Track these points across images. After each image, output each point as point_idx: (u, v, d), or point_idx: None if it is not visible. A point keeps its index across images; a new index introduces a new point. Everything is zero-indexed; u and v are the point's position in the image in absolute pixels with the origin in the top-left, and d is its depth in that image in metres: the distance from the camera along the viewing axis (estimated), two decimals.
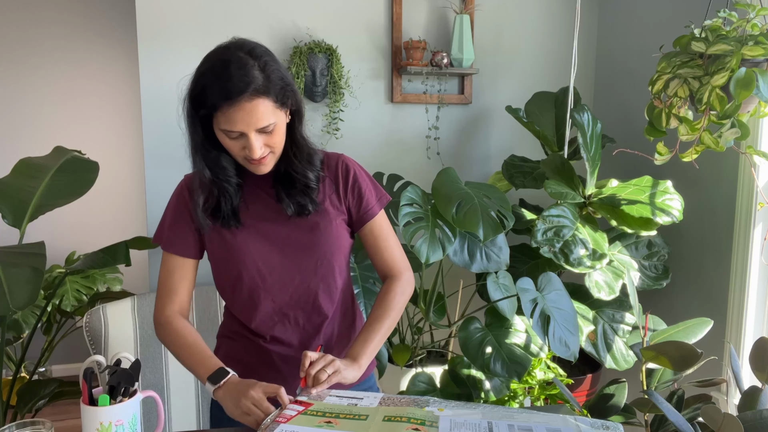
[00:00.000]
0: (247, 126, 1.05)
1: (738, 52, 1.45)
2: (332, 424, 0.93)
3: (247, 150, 1.08)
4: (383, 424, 0.93)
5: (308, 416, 0.96)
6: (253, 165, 1.12)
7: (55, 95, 3.43)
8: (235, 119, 1.05)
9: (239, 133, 1.07)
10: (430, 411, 0.97)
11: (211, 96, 1.04)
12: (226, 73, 1.04)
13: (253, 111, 1.04)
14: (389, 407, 0.99)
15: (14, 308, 1.41)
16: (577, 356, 1.77)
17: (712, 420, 1.19)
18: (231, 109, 1.04)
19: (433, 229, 1.87)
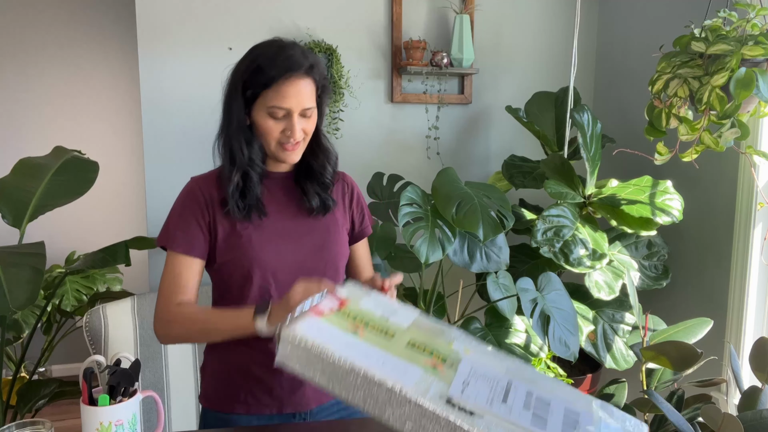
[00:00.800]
0: (296, 103, 1.12)
1: (738, 52, 1.45)
2: (357, 333, 0.89)
3: (288, 132, 1.13)
4: (404, 350, 0.89)
5: (341, 316, 0.93)
6: (286, 152, 1.16)
7: (55, 95, 3.43)
8: (288, 94, 1.11)
9: (285, 113, 1.12)
10: (456, 351, 0.93)
11: (269, 71, 1.10)
12: (284, 53, 1.12)
13: (303, 89, 1.12)
14: (417, 332, 0.95)
15: (14, 308, 1.41)
16: (577, 356, 1.77)
17: (712, 420, 1.19)
18: (286, 83, 1.10)
19: (433, 229, 1.87)
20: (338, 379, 0.83)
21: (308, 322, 0.89)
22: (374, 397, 0.81)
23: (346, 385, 0.82)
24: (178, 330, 1.16)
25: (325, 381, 0.84)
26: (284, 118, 1.13)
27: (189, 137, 2.17)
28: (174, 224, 1.21)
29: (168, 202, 2.16)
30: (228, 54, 2.19)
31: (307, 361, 0.85)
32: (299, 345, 0.85)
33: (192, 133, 2.17)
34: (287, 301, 1.00)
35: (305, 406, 1.23)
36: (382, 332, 0.92)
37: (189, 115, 2.17)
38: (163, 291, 1.18)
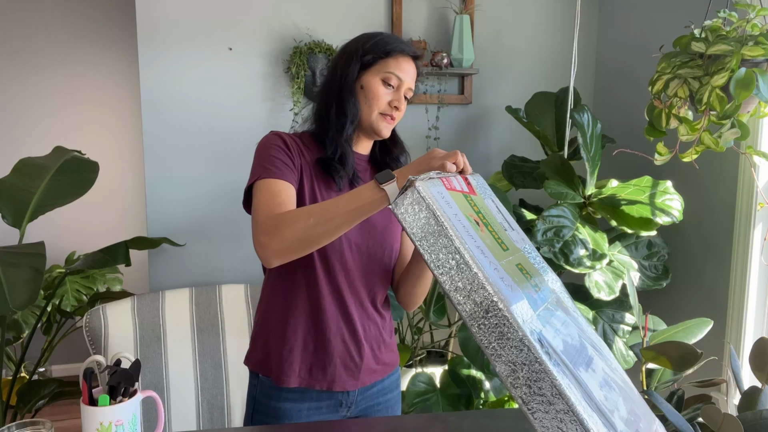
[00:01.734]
0: (409, 78, 1.23)
1: (738, 53, 1.45)
2: (479, 227, 0.85)
3: (395, 102, 1.22)
4: (515, 269, 0.85)
5: (467, 201, 0.89)
6: (384, 122, 1.23)
7: (55, 95, 3.43)
8: (406, 68, 1.23)
9: (398, 83, 1.22)
10: (554, 293, 0.91)
11: (392, 43, 1.22)
12: (400, 39, 1.27)
13: (413, 71, 1.25)
14: (526, 259, 0.91)
15: (14, 308, 1.41)
16: None
17: (712, 420, 1.19)
18: (405, 59, 1.23)
19: None
20: (444, 256, 0.77)
21: (438, 189, 0.84)
22: (472, 298, 0.76)
23: (448, 265, 0.77)
24: (291, 229, 1.01)
25: (428, 248, 0.79)
26: (394, 89, 1.22)
27: (189, 137, 2.17)
28: (265, 159, 1.16)
29: (168, 202, 2.17)
30: (228, 54, 2.19)
31: (423, 224, 0.79)
32: (423, 205, 0.79)
33: (192, 132, 2.18)
34: (423, 162, 1.00)
35: (353, 386, 1.26)
36: (499, 240, 0.87)
37: (189, 115, 2.17)
38: (261, 210, 1.08)
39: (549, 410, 0.72)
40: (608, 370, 0.86)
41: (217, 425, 1.91)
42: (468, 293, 0.76)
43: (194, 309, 1.95)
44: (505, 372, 0.75)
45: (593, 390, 0.76)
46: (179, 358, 1.89)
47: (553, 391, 0.72)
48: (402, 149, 1.34)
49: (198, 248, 2.20)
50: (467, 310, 0.76)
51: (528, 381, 0.73)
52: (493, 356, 0.75)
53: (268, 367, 1.26)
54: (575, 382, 0.74)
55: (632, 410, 0.84)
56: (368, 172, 1.31)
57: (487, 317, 0.75)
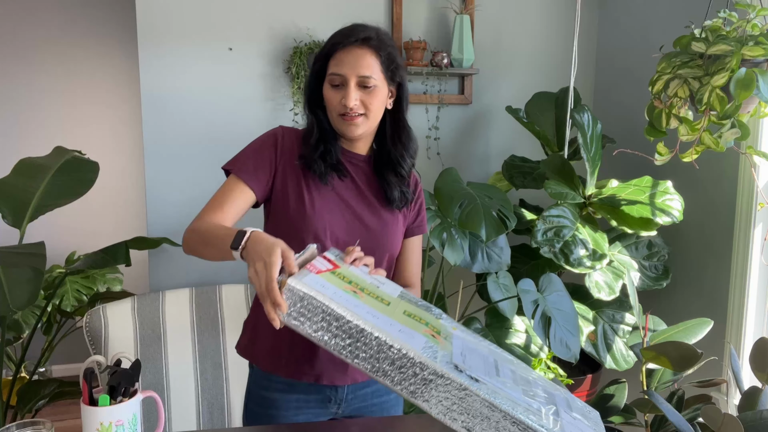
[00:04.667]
0: (351, 69, 1.15)
1: (738, 53, 1.45)
2: (357, 294, 0.90)
3: (344, 99, 1.15)
4: (404, 317, 0.91)
5: (336, 277, 0.93)
6: (345, 121, 1.17)
7: (55, 95, 3.43)
8: (343, 61, 1.15)
9: (342, 81, 1.15)
10: (445, 326, 0.96)
11: (331, 41, 1.18)
12: (349, 27, 1.19)
13: (360, 57, 1.15)
14: (408, 304, 0.97)
15: (14, 308, 1.41)
16: (578, 357, 1.77)
17: (712, 420, 1.19)
18: (343, 51, 1.16)
19: (450, 231, 1.89)
20: (346, 336, 0.83)
21: (311, 278, 0.88)
22: (386, 358, 0.81)
23: (354, 344, 0.83)
24: (190, 240, 1.14)
25: (329, 337, 0.84)
26: (342, 87, 1.16)
27: (189, 137, 2.17)
28: (246, 154, 1.23)
29: (168, 202, 2.17)
30: (228, 54, 2.19)
31: (313, 316, 0.84)
32: (305, 300, 0.84)
33: (192, 133, 2.17)
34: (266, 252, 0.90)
35: (342, 381, 1.26)
36: (378, 298, 0.93)
37: (189, 115, 2.17)
38: (206, 206, 1.20)
39: (490, 424, 0.80)
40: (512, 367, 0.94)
41: (217, 425, 1.91)
42: (382, 359, 0.82)
43: (194, 309, 1.95)
44: (442, 410, 0.81)
45: (511, 390, 0.84)
46: (179, 358, 1.89)
47: (487, 405, 0.79)
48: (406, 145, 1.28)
49: None
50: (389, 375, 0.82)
51: (463, 410, 0.80)
52: (427, 402, 0.82)
53: (254, 354, 1.28)
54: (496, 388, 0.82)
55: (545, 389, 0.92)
56: (365, 174, 1.28)
57: (406, 370, 0.81)
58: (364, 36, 1.17)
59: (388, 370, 0.82)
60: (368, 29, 1.19)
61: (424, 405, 0.82)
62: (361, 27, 1.19)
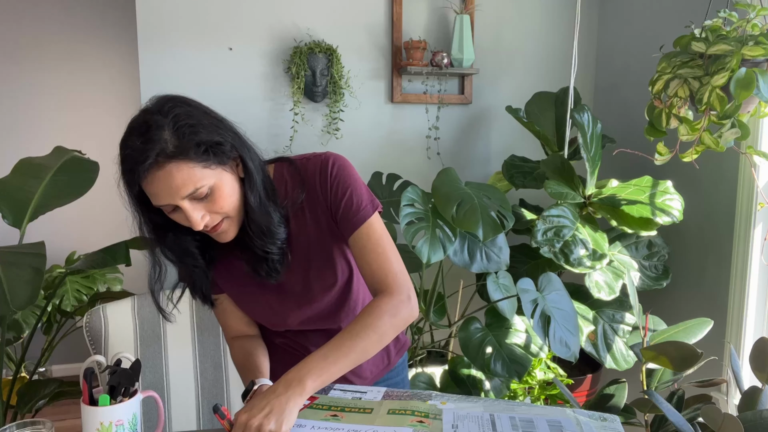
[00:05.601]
0: (170, 197, 0.91)
1: (738, 53, 1.45)
2: (338, 417, 0.94)
3: (184, 221, 0.95)
4: (388, 417, 0.94)
5: (314, 410, 0.97)
6: (211, 233, 1.00)
7: (55, 95, 3.43)
8: (155, 192, 0.92)
9: (170, 209, 0.95)
10: (433, 404, 0.99)
11: (126, 172, 0.92)
12: (130, 142, 0.91)
13: (168, 179, 0.90)
14: (393, 401, 1.01)
15: (14, 308, 1.41)
16: (577, 357, 1.77)
17: (712, 420, 1.19)
18: (146, 182, 0.91)
19: (434, 230, 1.87)
20: None
21: None
22: None
23: None
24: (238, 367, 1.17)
25: None
26: (179, 210, 0.95)
27: None
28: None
29: None
30: (228, 54, 2.19)
31: None
32: None
33: None
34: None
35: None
36: (361, 410, 0.97)
37: None
38: None
39: None
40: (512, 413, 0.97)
41: (217, 425, 1.91)
42: None
43: (194, 309, 1.95)
44: None
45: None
46: (179, 358, 1.89)
47: None
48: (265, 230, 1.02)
49: None
50: None
51: None
52: None
53: None
54: None
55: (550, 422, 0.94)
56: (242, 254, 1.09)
57: None
58: (157, 151, 0.89)
59: None
60: (155, 134, 0.90)
61: None
62: (146, 137, 0.90)
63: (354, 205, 1.05)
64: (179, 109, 0.95)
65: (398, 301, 1.02)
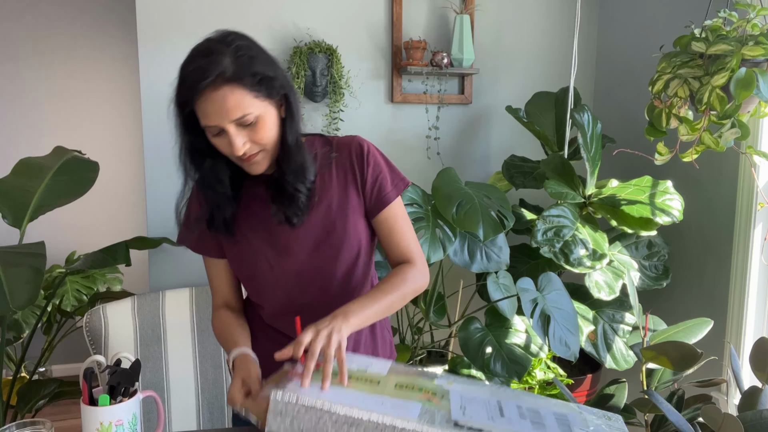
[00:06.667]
0: (219, 118, 0.99)
1: (738, 52, 1.45)
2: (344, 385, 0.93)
3: (234, 151, 1.03)
4: (396, 390, 0.92)
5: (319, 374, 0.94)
6: (245, 164, 1.07)
7: (55, 95, 3.43)
8: (207, 112, 1.00)
9: (217, 130, 1.02)
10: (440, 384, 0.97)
11: (184, 89, 1.00)
12: (193, 63, 0.99)
13: (222, 101, 0.98)
14: (399, 376, 0.99)
15: (14, 308, 1.41)
16: (577, 356, 1.77)
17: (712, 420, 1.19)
18: (200, 100, 0.99)
19: (434, 229, 1.87)
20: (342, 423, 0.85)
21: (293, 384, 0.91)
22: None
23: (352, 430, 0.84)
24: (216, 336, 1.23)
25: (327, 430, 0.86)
26: (224, 134, 1.02)
27: None
28: (185, 223, 1.21)
29: (169, 202, 2.16)
30: None
31: (304, 416, 0.86)
32: (296, 407, 0.86)
33: None
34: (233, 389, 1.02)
35: None
36: (367, 381, 0.95)
37: None
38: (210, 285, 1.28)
39: None
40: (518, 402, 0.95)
41: (217, 425, 1.91)
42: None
43: (194, 309, 1.95)
44: None
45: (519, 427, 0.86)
46: (179, 358, 1.89)
47: None
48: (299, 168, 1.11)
49: None
50: None
51: None
52: None
53: None
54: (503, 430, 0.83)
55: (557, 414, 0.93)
56: (267, 194, 1.16)
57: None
58: (217, 72, 0.97)
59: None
60: (217, 57, 0.98)
61: None
62: (208, 59, 0.98)
63: (387, 185, 1.18)
64: (241, 41, 1.03)
65: (418, 271, 1.17)
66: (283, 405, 0.86)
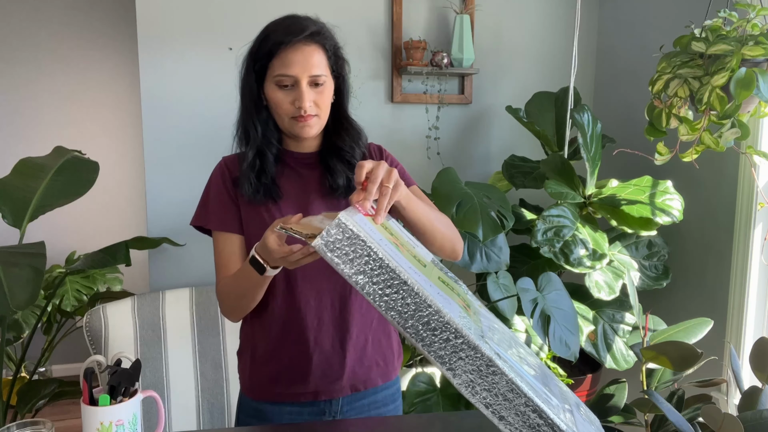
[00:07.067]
0: (302, 69, 1.09)
1: (738, 52, 1.45)
2: (399, 248, 0.85)
3: (298, 102, 1.10)
4: (440, 282, 0.86)
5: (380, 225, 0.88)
6: (299, 124, 1.13)
7: (55, 95, 3.43)
8: (292, 61, 1.09)
9: (293, 81, 1.10)
10: (472, 301, 0.93)
11: (273, 38, 1.10)
12: (287, 21, 1.13)
13: (309, 55, 1.10)
14: (440, 272, 0.92)
15: (14, 308, 1.41)
16: (577, 356, 1.77)
17: (712, 420, 1.19)
18: (288, 50, 1.09)
19: None
20: (386, 286, 0.78)
21: (360, 218, 0.83)
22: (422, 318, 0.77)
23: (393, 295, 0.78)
24: (225, 305, 1.18)
25: (367, 283, 0.78)
26: (293, 88, 1.11)
27: (189, 137, 2.17)
28: (204, 202, 1.21)
29: (169, 202, 2.17)
30: (228, 54, 2.19)
31: (357, 257, 0.78)
32: (353, 239, 0.78)
33: (192, 133, 2.17)
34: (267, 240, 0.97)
35: (339, 393, 1.22)
36: (416, 258, 0.88)
37: (189, 115, 2.17)
38: (216, 268, 1.21)
39: (511, 406, 0.77)
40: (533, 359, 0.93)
41: (217, 425, 1.91)
42: (418, 318, 0.78)
43: (194, 309, 1.95)
44: (465, 382, 0.78)
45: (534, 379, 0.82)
46: (179, 358, 1.89)
47: (510, 389, 0.77)
48: (353, 136, 1.21)
49: (198, 248, 2.20)
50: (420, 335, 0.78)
51: (487, 387, 0.78)
52: (452, 371, 0.78)
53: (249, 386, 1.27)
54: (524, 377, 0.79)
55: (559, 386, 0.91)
56: (316, 170, 1.22)
57: (439, 334, 0.78)
58: (312, 31, 1.11)
59: (421, 329, 0.78)
60: (311, 22, 1.13)
61: (447, 373, 0.78)
62: (302, 19, 1.13)
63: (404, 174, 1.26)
64: (325, 24, 1.18)
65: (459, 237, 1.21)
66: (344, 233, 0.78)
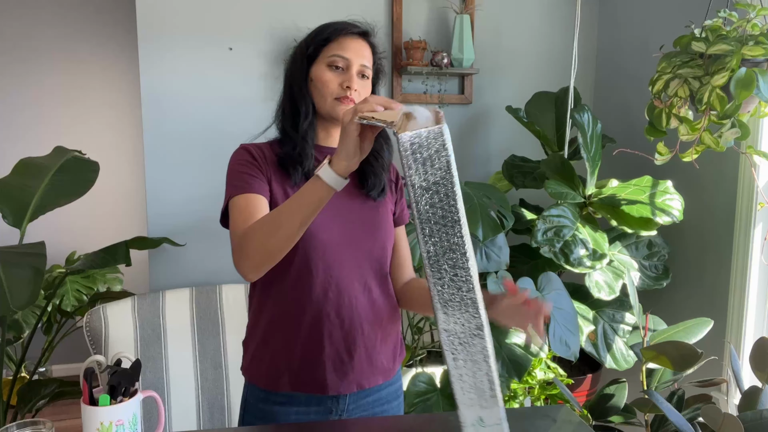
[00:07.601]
0: (355, 55, 1.18)
1: (738, 52, 1.45)
2: None
3: (346, 83, 1.17)
4: None
5: None
6: (342, 104, 1.17)
7: (55, 95, 3.43)
8: (351, 47, 1.19)
9: (345, 64, 1.18)
10: None
11: (332, 27, 1.21)
12: (346, 21, 1.25)
13: (363, 48, 1.21)
14: None
15: (14, 308, 1.41)
16: (577, 356, 1.77)
17: (713, 420, 1.19)
18: (349, 39, 1.20)
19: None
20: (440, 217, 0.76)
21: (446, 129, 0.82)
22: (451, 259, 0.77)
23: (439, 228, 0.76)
24: (252, 245, 1.02)
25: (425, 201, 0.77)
26: (343, 71, 1.18)
27: (189, 137, 2.17)
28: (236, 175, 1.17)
29: (169, 202, 2.17)
30: (228, 54, 2.19)
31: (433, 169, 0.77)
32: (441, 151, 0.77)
33: (192, 133, 2.17)
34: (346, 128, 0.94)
35: (346, 389, 1.22)
36: None
37: (189, 114, 2.17)
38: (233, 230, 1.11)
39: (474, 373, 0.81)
40: None
41: (217, 425, 1.91)
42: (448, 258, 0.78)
43: (194, 309, 1.95)
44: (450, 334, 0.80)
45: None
46: (179, 358, 1.89)
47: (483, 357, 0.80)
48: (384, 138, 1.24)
49: (198, 248, 2.20)
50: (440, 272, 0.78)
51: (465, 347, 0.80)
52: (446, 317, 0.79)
53: (256, 374, 1.25)
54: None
55: None
56: None
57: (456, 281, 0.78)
58: (365, 30, 1.23)
59: (444, 268, 0.77)
60: (367, 25, 1.26)
61: (441, 316, 0.78)
62: (359, 22, 1.25)
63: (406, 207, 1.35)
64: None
65: None
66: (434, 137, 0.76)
